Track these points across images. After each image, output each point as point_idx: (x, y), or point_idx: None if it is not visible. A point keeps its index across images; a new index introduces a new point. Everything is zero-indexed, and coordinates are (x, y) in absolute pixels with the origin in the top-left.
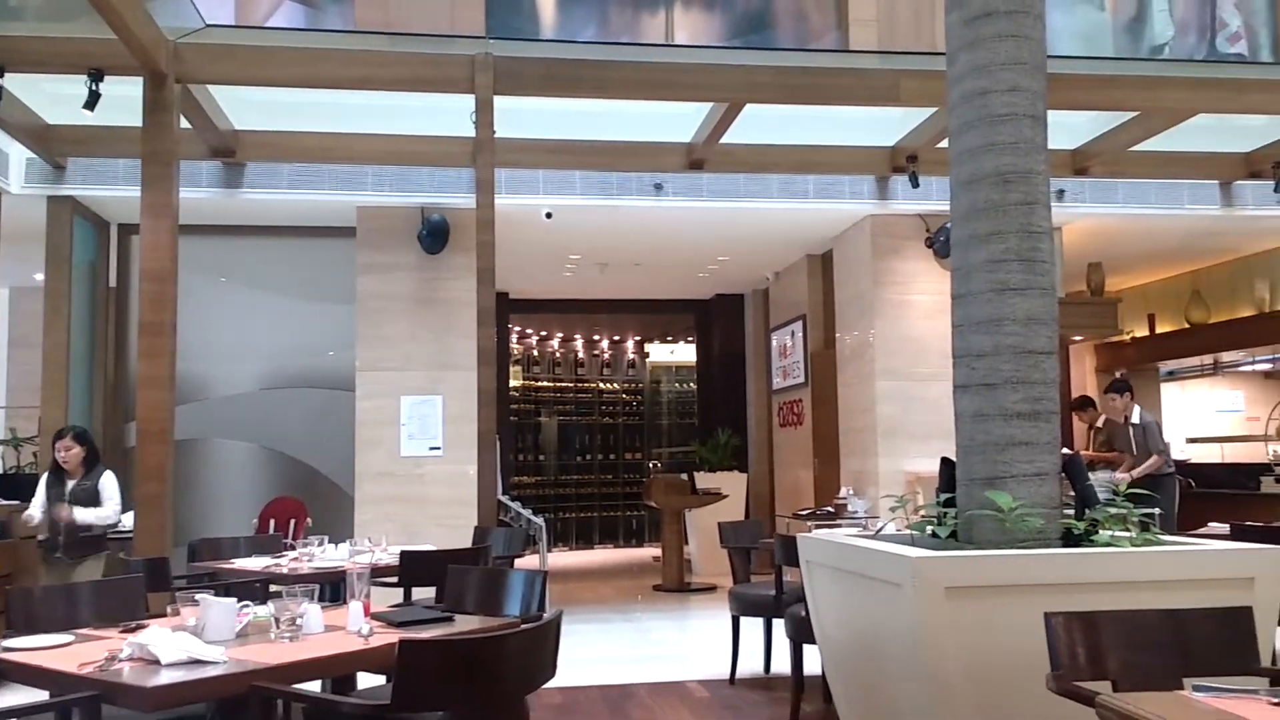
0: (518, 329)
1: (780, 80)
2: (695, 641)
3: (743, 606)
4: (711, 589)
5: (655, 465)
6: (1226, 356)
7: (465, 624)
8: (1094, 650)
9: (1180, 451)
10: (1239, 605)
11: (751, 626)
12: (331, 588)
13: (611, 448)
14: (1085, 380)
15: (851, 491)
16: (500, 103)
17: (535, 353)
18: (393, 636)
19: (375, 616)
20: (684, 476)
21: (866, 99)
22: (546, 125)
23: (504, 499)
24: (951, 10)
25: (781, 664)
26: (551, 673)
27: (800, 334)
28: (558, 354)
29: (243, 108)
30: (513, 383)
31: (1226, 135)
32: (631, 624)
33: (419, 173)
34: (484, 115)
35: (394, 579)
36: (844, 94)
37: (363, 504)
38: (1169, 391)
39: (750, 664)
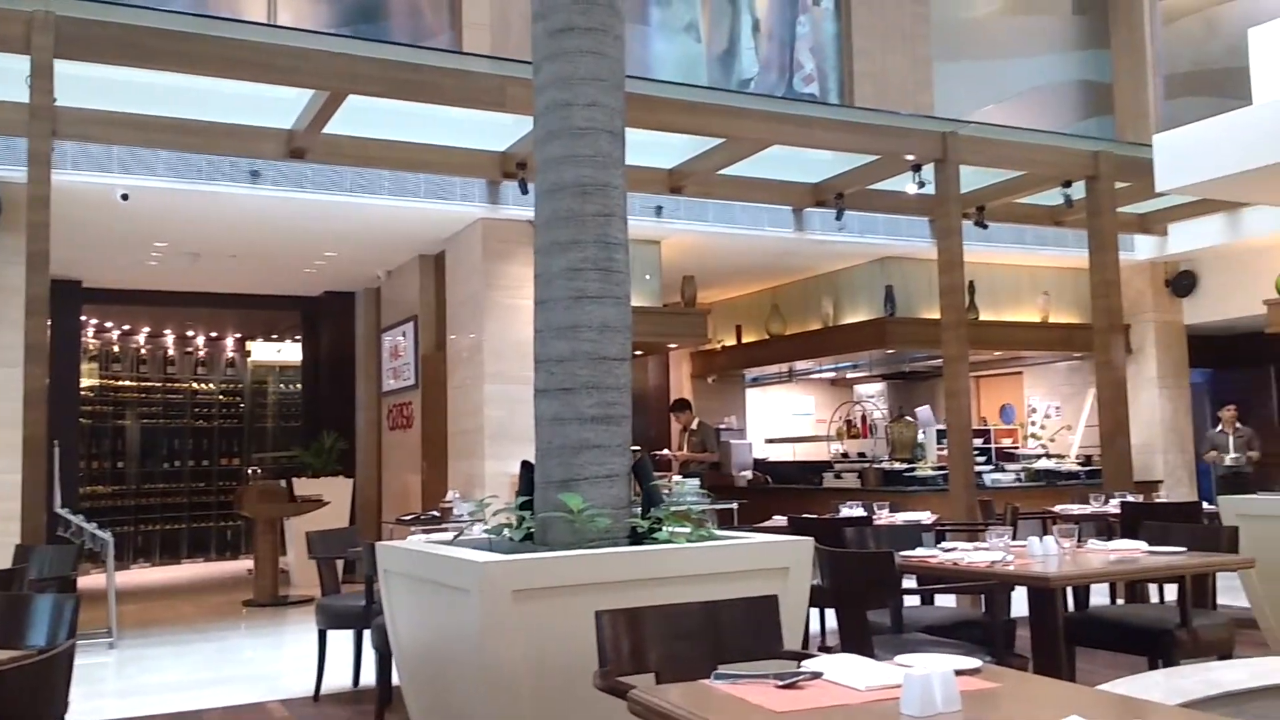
0: (95, 322)
1: (386, 74)
2: (285, 659)
3: (330, 619)
4: (309, 601)
5: (255, 471)
6: (800, 365)
7: None
8: (637, 645)
9: (760, 451)
10: (767, 594)
11: (344, 640)
12: None
13: (205, 453)
14: (683, 384)
15: (458, 495)
16: (80, 70)
17: (116, 349)
18: None
19: None
20: (282, 483)
21: (474, 102)
22: (134, 98)
23: (63, 512)
24: (537, 20)
25: (372, 677)
26: (63, 709)
27: (412, 335)
28: (144, 350)
29: None
30: (87, 382)
31: (799, 166)
32: (215, 644)
33: None
34: (40, 80)
35: None
36: (451, 95)
37: None
38: (753, 396)
39: (339, 678)
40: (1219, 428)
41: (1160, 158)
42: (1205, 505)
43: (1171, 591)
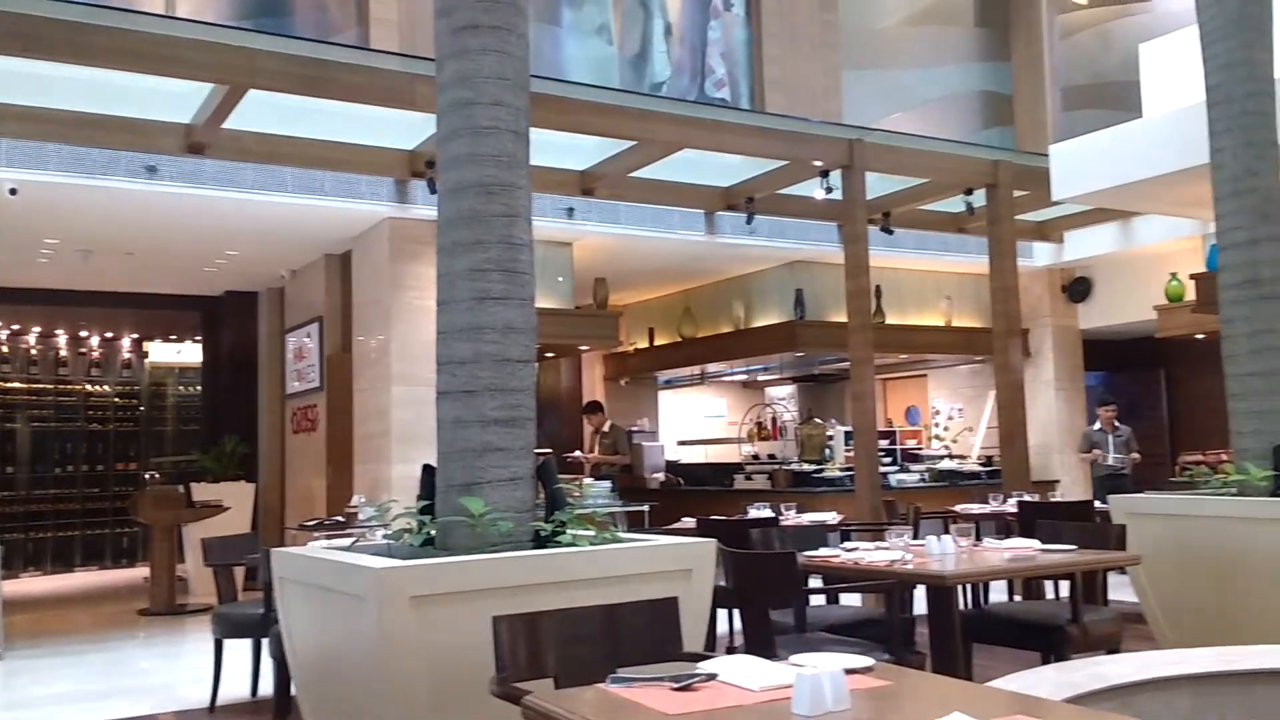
0: None
1: (289, 69)
2: (182, 669)
3: (226, 628)
4: (208, 610)
5: (152, 476)
6: (712, 367)
7: None
8: (535, 649)
9: (673, 453)
10: (668, 596)
11: (242, 649)
12: None
13: (100, 457)
14: (595, 386)
15: (364, 499)
16: None
17: (5, 349)
18: None
19: None
20: (180, 488)
21: (381, 99)
22: (25, 90)
23: None
24: (440, 17)
25: (271, 687)
26: None
27: (317, 336)
28: (34, 351)
29: None
30: None
31: (711, 170)
32: (108, 654)
33: None
34: None
35: None
36: (358, 91)
37: None
38: (666, 398)
39: (237, 689)
40: (1097, 426)
41: (1056, 167)
42: (1097, 504)
43: (1066, 588)
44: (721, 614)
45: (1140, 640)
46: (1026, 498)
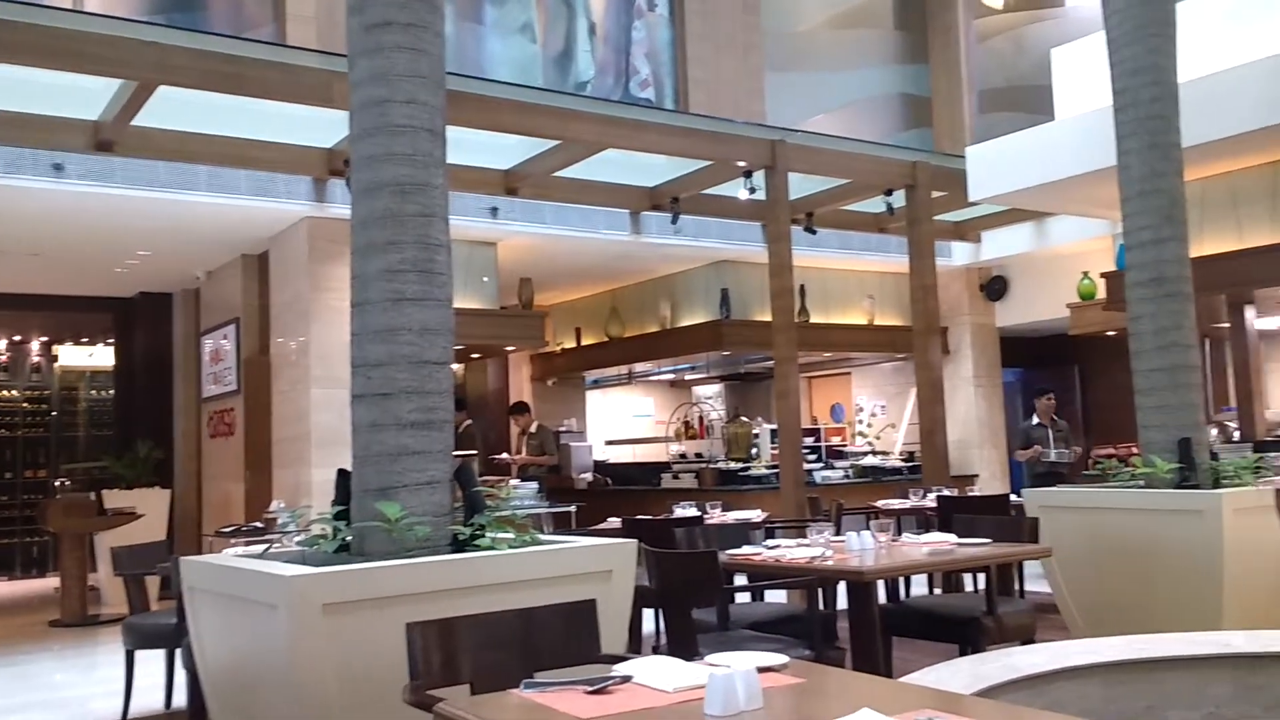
0: None
1: (201, 65)
2: (94, 682)
3: (138, 639)
4: (121, 620)
5: (62, 484)
6: (639, 367)
7: None
8: (450, 656)
9: (601, 453)
10: (586, 598)
11: (156, 660)
12: None
13: (8, 464)
14: (522, 387)
15: (283, 505)
16: None
17: None
18: None
19: None
20: (91, 496)
21: (298, 96)
22: None
23: None
24: (353, 14)
25: (184, 699)
26: None
27: (234, 338)
28: None
29: None
30: None
31: (636, 170)
32: (16, 667)
33: None
34: None
35: None
36: (274, 89)
37: None
38: (593, 398)
39: (151, 700)
40: (1035, 420)
41: (973, 169)
42: (1013, 498)
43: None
44: (648, 614)
45: (1055, 630)
46: (946, 492)
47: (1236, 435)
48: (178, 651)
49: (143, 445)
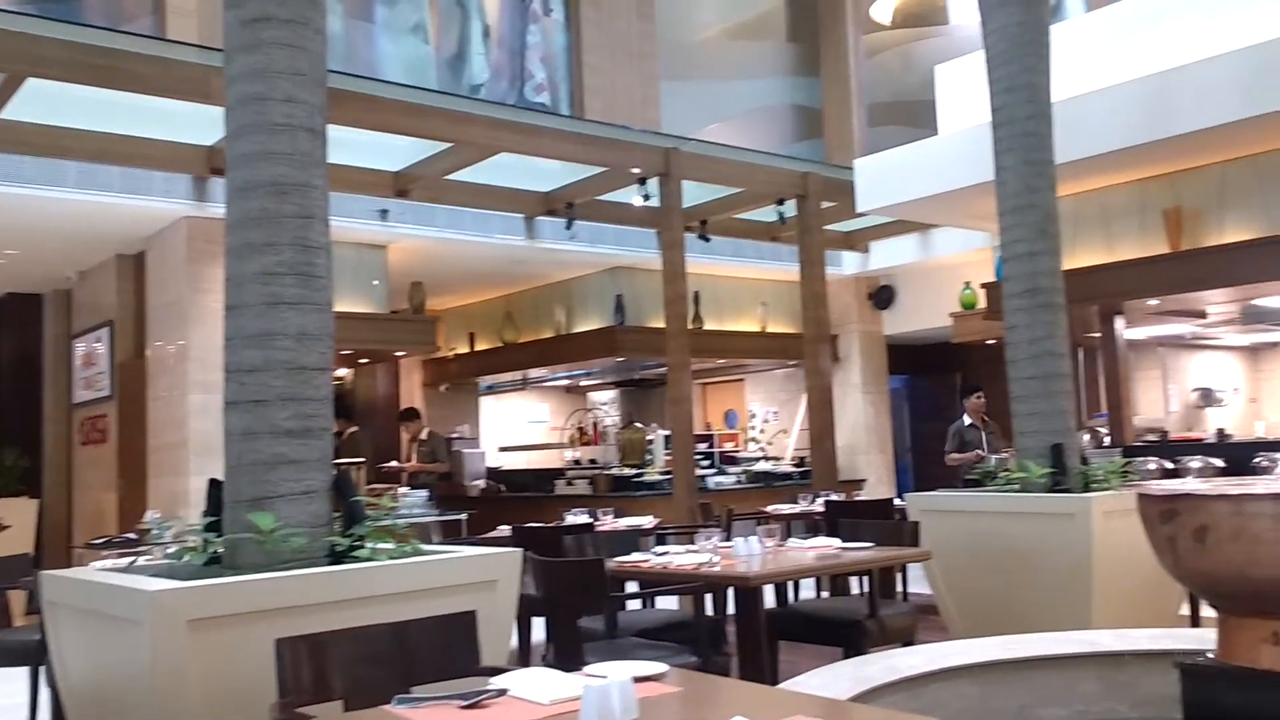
0: None
1: (74, 57)
2: None
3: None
4: None
5: None
6: (534, 373)
7: None
8: (321, 672)
9: (495, 459)
10: (467, 609)
11: (19, 678)
12: None
13: None
14: (414, 393)
15: (158, 515)
16: None
17: None
18: None
19: None
20: None
21: (176, 92)
22: None
23: None
24: (229, 8)
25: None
26: None
27: (108, 342)
28: None
29: None
30: None
31: (530, 174)
32: None
33: None
34: None
35: None
36: (151, 83)
37: None
38: (487, 404)
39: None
40: (966, 420)
41: (861, 180)
42: (897, 501)
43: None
44: (539, 623)
45: (935, 631)
46: (834, 497)
47: (1108, 440)
48: (41, 669)
49: (9, 453)
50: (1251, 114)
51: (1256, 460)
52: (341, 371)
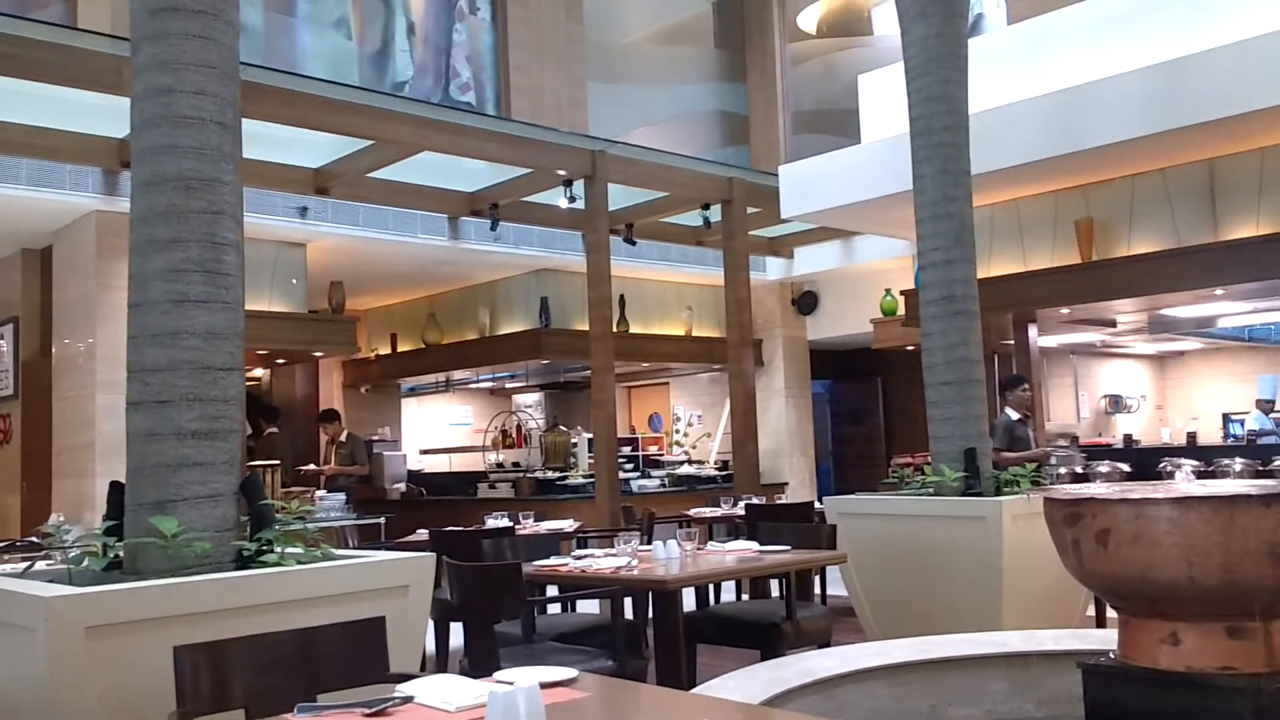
0: None
1: None
2: None
3: None
4: None
5: None
6: (457, 375)
7: None
8: (221, 680)
9: (416, 462)
10: (376, 615)
11: None
12: None
13: None
14: (334, 394)
15: (62, 519)
16: None
17: None
18: None
19: None
20: None
21: (86, 82)
22: None
23: None
24: None
25: None
26: None
27: (11, 339)
28: None
29: None
30: None
31: (455, 174)
32: None
33: None
34: None
35: None
36: (59, 73)
37: None
38: (409, 406)
39: None
40: (1013, 415)
41: (785, 187)
42: (817, 504)
43: None
44: (457, 628)
45: (852, 633)
46: (755, 500)
47: None
48: None
49: None
50: (1157, 130)
51: (1161, 465)
52: (258, 372)
